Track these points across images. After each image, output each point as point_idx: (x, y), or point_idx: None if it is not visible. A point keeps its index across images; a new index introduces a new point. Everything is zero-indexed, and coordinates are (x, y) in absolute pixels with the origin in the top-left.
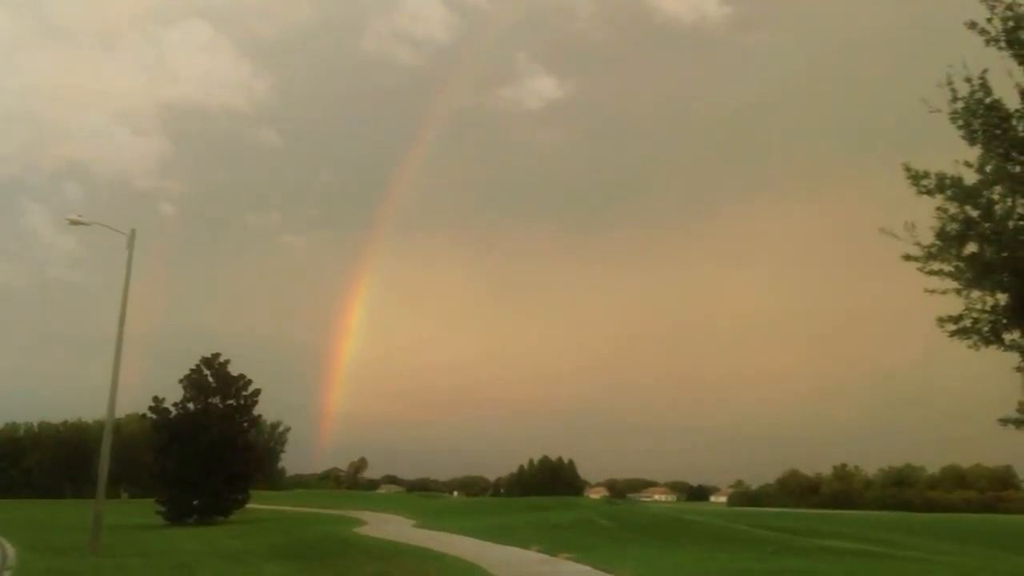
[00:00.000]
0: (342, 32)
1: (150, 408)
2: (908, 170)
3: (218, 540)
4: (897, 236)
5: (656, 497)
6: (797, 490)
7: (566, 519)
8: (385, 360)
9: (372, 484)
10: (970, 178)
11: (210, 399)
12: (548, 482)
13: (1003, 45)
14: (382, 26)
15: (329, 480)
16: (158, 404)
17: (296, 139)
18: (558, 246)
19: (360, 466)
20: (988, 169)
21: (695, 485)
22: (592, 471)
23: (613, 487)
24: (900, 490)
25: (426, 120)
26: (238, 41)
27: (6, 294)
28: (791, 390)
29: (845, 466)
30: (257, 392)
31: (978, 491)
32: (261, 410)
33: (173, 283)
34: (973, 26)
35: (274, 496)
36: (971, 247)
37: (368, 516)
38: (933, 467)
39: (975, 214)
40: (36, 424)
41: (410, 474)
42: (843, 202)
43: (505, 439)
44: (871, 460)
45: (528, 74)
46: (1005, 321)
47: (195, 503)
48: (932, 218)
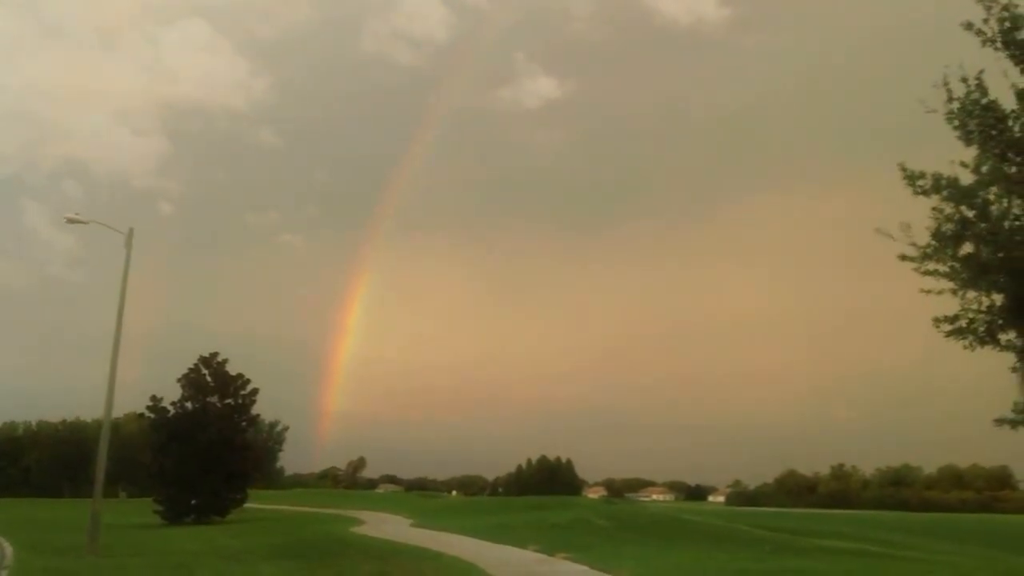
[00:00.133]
0: (341, 32)
1: (148, 407)
2: (904, 170)
3: (216, 539)
4: (893, 237)
5: (654, 497)
6: (795, 490)
7: (564, 519)
8: (384, 359)
9: (370, 483)
10: (966, 178)
11: (208, 398)
12: (546, 481)
13: (999, 46)
14: (381, 26)
15: (327, 479)
16: (156, 403)
17: (295, 139)
18: (558, 246)
19: (358, 465)
20: (984, 169)
21: (693, 485)
22: (590, 470)
23: (611, 487)
24: (897, 490)
25: (425, 120)
26: (237, 41)
27: (5, 293)
28: (789, 390)
29: (843, 466)
30: (255, 391)
31: (975, 491)
32: (259, 409)
33: (172, 282)
34: (969, 27)
35: (272, 495)
36: (967, 247)
37: (366, 515)
38: (930, 467)
39: (971, 214)
40: (35, 423)
41: (408, 473)
42: (843, 202)
43: (503, 438)
44: (869, 460)
45: (527, 74)
46: (1001, 321)
47: (193, 502)
48: (929, 218)
